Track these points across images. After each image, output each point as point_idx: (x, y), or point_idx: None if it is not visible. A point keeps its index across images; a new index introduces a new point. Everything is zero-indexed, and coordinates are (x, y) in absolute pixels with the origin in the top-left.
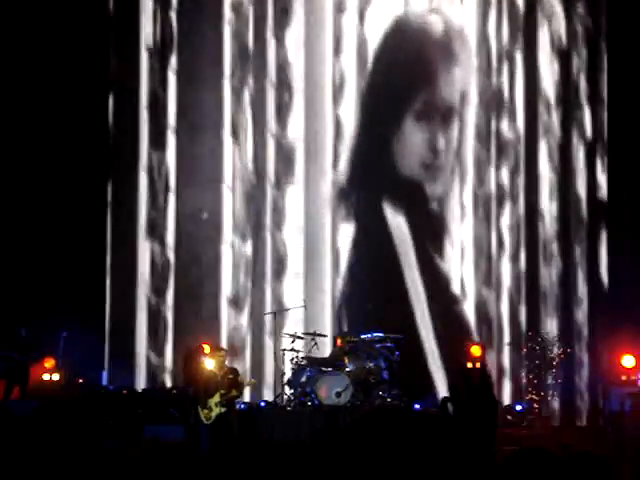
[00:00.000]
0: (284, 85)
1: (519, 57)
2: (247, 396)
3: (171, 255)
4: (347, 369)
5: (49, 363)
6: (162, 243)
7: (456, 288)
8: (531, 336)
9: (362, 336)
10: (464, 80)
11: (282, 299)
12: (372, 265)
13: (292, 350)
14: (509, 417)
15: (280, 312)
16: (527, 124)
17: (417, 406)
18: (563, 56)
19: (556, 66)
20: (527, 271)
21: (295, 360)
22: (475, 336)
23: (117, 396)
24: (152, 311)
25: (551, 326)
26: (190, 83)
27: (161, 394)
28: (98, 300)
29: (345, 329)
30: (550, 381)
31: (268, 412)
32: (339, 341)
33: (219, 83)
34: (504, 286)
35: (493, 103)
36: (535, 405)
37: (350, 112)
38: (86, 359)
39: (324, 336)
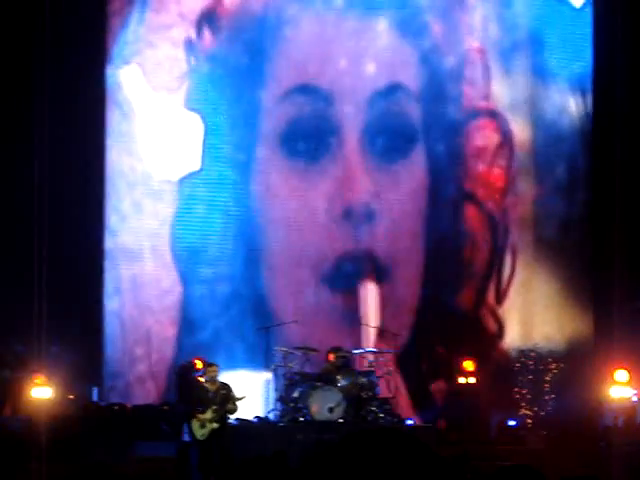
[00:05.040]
0: None
1: None
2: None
3: None
4: (339, 384)
5: (39, 379)
6: None
7: None
8: (526, 352)
9: (354, 351)
10: None
11: None
12: None
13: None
14: None
15: (271, 327)
16: None
17: (410, 422)
18: None
19: None
20: None
21: (288, 375)
22: None
23: (108, 412)
24: None
25: None
26: None
27: (152, 410)
28: (92, 311)
29: None
30: (544, 396)
31: (260, 427)
32: (331, 356)
33: None
34: None
35: None
36: (528, 420)
37: None
38: (76, 375)
39: (316, 351)
